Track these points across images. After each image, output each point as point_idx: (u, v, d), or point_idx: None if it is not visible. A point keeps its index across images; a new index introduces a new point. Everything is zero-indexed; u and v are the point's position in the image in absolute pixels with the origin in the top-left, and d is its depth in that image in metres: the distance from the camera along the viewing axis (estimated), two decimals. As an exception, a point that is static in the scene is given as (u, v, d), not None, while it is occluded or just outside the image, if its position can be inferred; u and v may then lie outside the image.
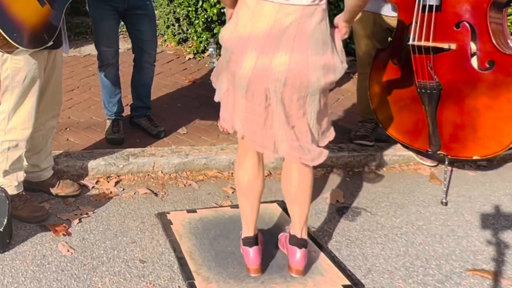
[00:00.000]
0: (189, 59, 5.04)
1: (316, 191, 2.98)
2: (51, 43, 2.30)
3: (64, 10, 2.34)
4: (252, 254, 2.18)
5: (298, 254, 2.17)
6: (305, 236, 2.20)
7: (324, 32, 1.91)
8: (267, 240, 2.44)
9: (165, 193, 2.89)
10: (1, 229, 2.28)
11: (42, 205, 2.64)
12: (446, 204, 2.91)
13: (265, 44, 1.85)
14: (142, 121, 3.51)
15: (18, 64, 2.31)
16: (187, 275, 2.19)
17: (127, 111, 3.58)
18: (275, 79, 1.86)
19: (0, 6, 2.11)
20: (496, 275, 2.32)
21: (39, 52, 2.32)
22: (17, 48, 2.15)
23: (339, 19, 2.01)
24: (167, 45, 5.44)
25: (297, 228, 2.19)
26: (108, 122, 3.41)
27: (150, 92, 3.55)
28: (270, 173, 3.17)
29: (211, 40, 4.92)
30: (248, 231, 2.21)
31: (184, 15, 5.10)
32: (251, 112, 1.96)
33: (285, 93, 1.89)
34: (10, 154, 2.43)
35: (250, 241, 2.20)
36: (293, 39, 1.85)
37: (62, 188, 2.77)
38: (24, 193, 2.58)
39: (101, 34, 3.24)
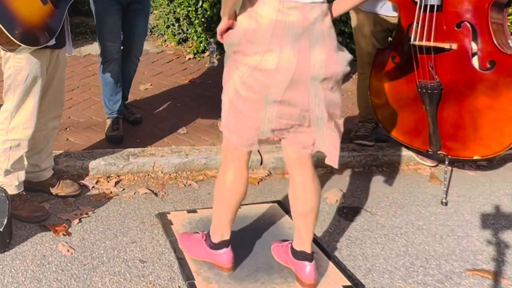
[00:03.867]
0: (189, 59, 5.04)
1: (316, 191, 2.99)
2: (53, 42, 2.30)
3: (66, 10, 2.34)
4: (228, 255, 2.18)
5: (308, 267, 2.12)
6: (310, 250, 2.15)
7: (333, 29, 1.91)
8: (267, 241, 2.44)
9: (165, 193, 2.89)
10: (1, 229, 2.28)
11: (42, 205, 2.63)
12: (446, 204, 2.91)
13: (299, 41, 1.80)
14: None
15: (20, 63, 2.31)
16: (187, 275, 2.19)
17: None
18: (314, 77, 1.83)
19: (2, 3, 2.11)
20: (496, 275, 2.32)
21: (41, 51, 2.32)
22: (19, 46, 2.15)
23: None
24: (167, 45, 5.44)
25: (306, 243, 2.13)
26: (109, 121, 3.41)
27: (131, 84, 3.64)
28: (270, 173, 3.17)
29: (211, 40, 4.92)
30: (225, 235, 2.17)
31: (184, 15, 5.10)
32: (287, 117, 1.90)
33: (324, 88, 1.86)
34: (12, 154, 2.43)
35: (226, 243, 2.18)
36: (322, 35, 1.83)
37: (62, 188, 2.77)
38: (24, 193, 2.57)
39: (106, 29, 3.25)
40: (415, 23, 2.76)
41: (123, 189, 2.90)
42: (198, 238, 2.28)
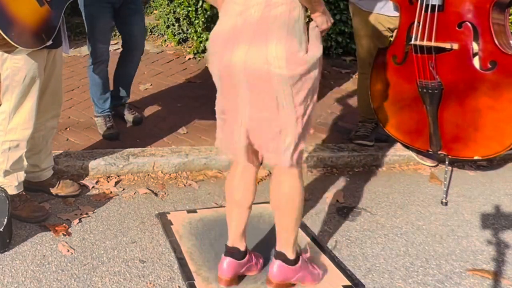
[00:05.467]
0: (189, 59, 5.04)
1: (316, 191, 2.99)
2: (50, 42, 2.30)
3: (63, 10, 2.34)
4: (225, 265, 2.11)
5: (274, 266, 2.07)
6: (284, 251, 2.05)
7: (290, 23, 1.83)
8: (267, 241, 2.44)
9: (165, 193, 2.89)
10: (1, 229, 2.28)
11: (42, 205, 2.63)
12: (446, 204, 2.91)
13: (256, 35, 1.82)
14: (120, 109, 3.60)
15: (17, 64, 2.31)
16: (187, 276, 2.19)
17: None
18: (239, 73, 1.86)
19: None
20: (496, 275, 2.32)
21: (38, 51, 2.31)
22: (16, 47, 2.15)
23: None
24: (167, 45, 5.43)
25: (278, 240, 2.08)
26: (99, 119, 3.42)
27: (131, 82, 3.65)
28: (270, 173, 3.16)
29: (211, 40, 4.91)
30: (230, 241, 2.14)
31: (184, 15, 5.10)
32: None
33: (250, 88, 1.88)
34: (11, 154, 2.43)
35: (226, 251, 2.13)
36: (281, 29, 1.80)
37: (62, 188, 2.77)
38: (24, 193, 2.57)
39: (98, 30, 3.26)
40: (416, 23, 2.75)
41: (123, 189, 2.90)
42: None
